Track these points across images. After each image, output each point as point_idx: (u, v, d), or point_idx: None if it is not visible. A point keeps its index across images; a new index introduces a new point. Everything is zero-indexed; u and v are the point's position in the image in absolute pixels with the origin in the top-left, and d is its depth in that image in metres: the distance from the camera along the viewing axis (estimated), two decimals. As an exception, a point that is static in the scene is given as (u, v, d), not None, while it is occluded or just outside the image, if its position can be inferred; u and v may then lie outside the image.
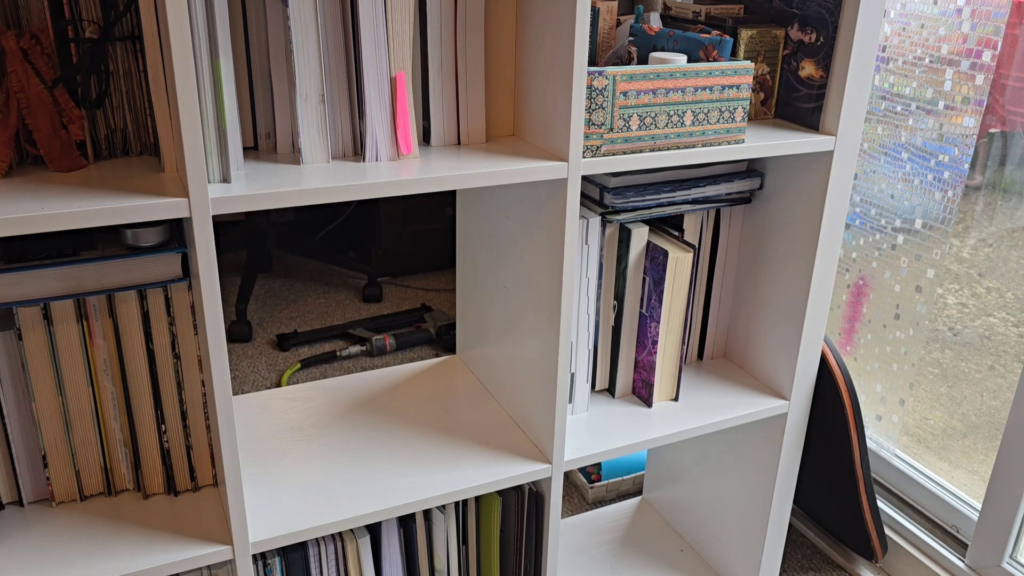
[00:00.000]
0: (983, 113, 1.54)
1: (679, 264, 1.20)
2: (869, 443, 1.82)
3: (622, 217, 1.19)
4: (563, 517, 1.25)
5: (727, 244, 1.34)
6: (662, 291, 1.21)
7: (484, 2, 1.00)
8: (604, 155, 1.03)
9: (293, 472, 1.11)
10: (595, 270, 1.21)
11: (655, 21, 1.22)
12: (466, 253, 1.32)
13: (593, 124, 1.01)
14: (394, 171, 0.94)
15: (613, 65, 1.09)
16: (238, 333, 2.52)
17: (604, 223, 1.19)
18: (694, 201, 1.23)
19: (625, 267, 1.22)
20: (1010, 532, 1.53)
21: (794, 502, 1.42)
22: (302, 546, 1.05)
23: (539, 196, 1.06)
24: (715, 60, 1.08)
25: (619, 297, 1.24)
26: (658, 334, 1.23)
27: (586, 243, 1.17)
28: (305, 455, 1.15)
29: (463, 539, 1.18)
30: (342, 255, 3.04)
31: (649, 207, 1.19)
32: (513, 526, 1.18)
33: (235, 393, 2.22)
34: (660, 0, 1.33)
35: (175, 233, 0.98)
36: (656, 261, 1.20)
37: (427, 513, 1.13)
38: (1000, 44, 1.50)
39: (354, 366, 2.43)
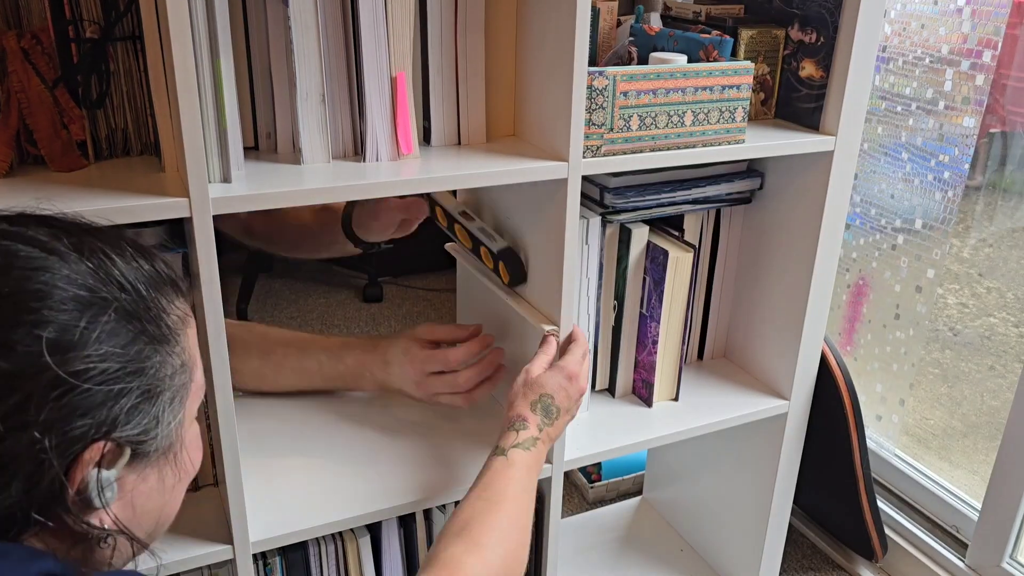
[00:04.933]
0: (983, 113, 1.54)
1: (679, 264, 1.20)
2: (869, 443, 1.82)
3: (622, 217, 1.19)
4: (563, 517, 1.25)
5: (727, 244, 1.34)
6: (662, 291, 1.21)
7: (484, 2, 1.00)
8: (604, 155, 1.03)
9: (293, 472, 1.11)
10: (595, 270, 1.21)
11: (655, 21, 1.22)
12: (466, 253, 1.32)
13: (593, 124, 1.01)
14: (394, 171, 0.94)
15: (613, 65, 1.09)
16: (238, 333, 2.51)
17: (604, 223, 1.19)
18: (694, 201, 1.23)
19: (625, 267, 1.22)
20: (1010, 532, 1.53)
21: (794, 502, 1.42)
22: (302, 546, 1.05)
23: (539, 196, 1.06)
24: (715, 60, 1.08)
25: (619, 297, 1.24)
26: (658, 334, 1.23)
27: (586, 243, 1.17)
28: (305, 455, 1.15)
29: (463, 539, 1.17)
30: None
31: (649, 207, 1.19)
32: (513, 526, 1.18)
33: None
34: (660, 0, 1.33)
35: (176, 233, 0.98)
36: (656, 261, 1.20)
37: (427, 513, 1.13)
38: (1000, 44, 1.50)
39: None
